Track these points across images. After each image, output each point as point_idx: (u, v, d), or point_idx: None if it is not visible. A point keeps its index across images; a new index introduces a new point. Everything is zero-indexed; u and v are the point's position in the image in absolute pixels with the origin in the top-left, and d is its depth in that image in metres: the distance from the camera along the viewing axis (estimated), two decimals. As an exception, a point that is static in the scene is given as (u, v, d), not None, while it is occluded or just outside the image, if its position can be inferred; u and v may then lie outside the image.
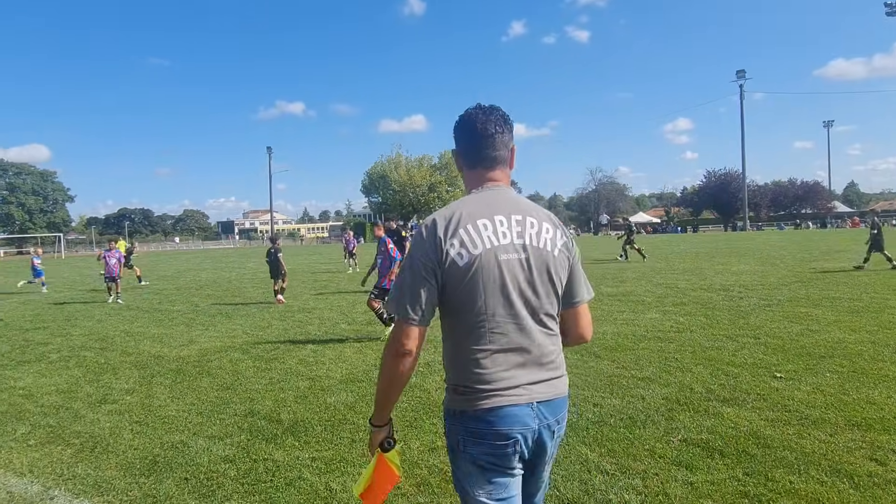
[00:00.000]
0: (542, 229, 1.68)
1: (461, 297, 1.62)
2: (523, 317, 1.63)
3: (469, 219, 1.62)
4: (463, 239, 1.60)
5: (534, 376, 1.65)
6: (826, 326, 7.29)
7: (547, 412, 1.66)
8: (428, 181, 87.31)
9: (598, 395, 4.79)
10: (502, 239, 1.62)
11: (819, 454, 3.50)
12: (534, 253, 1.64)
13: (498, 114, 1.76)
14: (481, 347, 1.63)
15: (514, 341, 1.63)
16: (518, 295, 1.62)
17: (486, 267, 1.59)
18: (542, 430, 1.66)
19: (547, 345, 1.68)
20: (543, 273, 1.65)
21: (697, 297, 10.38)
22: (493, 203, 1.68)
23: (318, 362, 6.44)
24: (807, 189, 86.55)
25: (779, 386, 4.87)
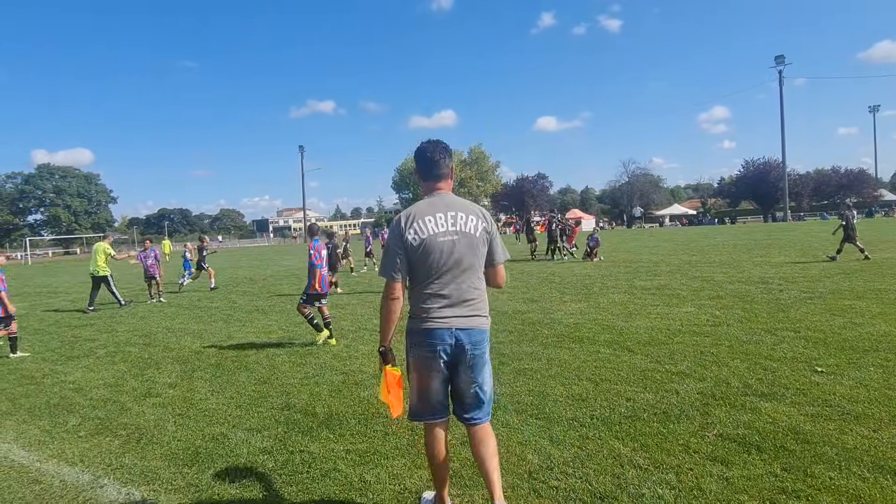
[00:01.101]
0: (468, 220, 2.74)
1: (415, 263, 2.71)
2: (452, 275, 2.69)
3: (419, 216, 2.71)
4: (415, 228, 2.68)
5: (454, 312, 2.70)
6: (871, 319, 7.04)
7: (462, 336, 2.70)
8: (458, 176, 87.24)
9: (630, 390, 4.75)
10: (440, 227, 2.69)
11: (861, 450, 3.40)
12: (463, 235, 2.71)
13: (441, 145, 2.87)
14: (424, 293, 2.72)
15: (443, 289, 2.69)
16: (448, 262, 2.68)
17: (429, 245, 2.67)
18: (458, 347, 2.70)
19: (467, 292, 2.72)
20: (469, 247, 2.71)
21: (735, 291, 10.15)
22: (437, 205, 2.76)
23: (352, 357, 6.55)
24: (851, 177, 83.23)
25: (820, 380, 4.75)
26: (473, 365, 2.74)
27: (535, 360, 5.90)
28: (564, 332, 7.25)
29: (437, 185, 2.86)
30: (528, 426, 4.08)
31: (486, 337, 2.80)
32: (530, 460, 3.53)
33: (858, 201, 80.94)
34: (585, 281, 13.05)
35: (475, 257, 2.74)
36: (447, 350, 2.70)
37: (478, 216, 2.78)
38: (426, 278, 2.70)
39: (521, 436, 3.92)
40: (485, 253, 2.79)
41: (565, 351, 6.26)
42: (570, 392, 4.79)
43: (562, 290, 11.52)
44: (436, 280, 2.70)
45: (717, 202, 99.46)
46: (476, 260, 2.74)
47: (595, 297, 10.26)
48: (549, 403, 4.54)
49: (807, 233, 31.16)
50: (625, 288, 11.39)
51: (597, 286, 11.93)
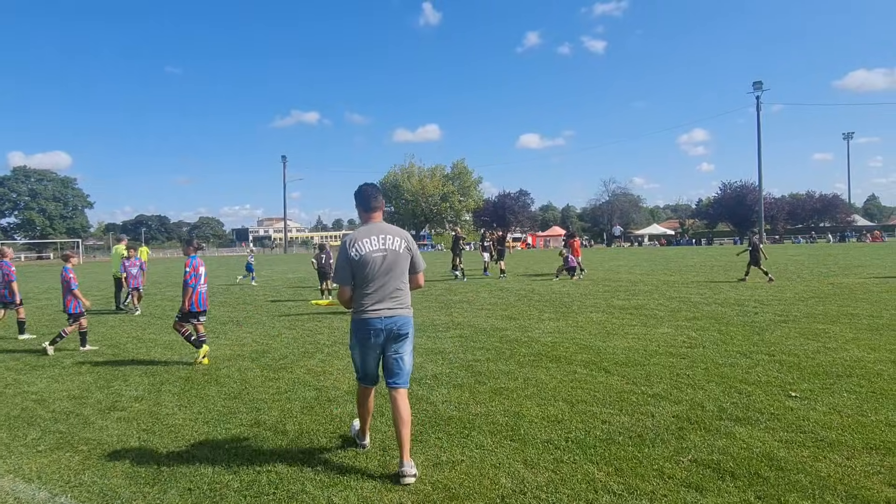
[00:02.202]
0: (394, 241, 3.81)
1: (357, 273, 3.76)
2: (382, 280, 3.75)
3: (359, 238, 3.76)
4: (356, 248, 3.73)
5: (384, 305, 3.76)
6: (844, 344, 7.13)
7: (389, 322, 3.76)
8: (440, 191, 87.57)
9: (606, 412, 4.72)
10: (373, 246, 3.74)
11: (835, 478, 3.40)
12: (390, 252, 3.78)
13: (375, 187, 3.97)
14: (363, 292, 3.77)
15: (376, 290, 3.75)
16: (380, 271, 3.74)
17: (366, 259, 3.72)
18: (386, 329, 3.76)
19: (392, 292, 3.79)
20: (395, 261, 3.78)
21: (711, 312, 10.24)
22: (371, 230, 3.82)
23: (326, 372, 6.43)
24: (825, 202, 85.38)
25: (794, 406, 4.76)
26: (397, 340, 3.84)
27: (512, 380, 5.85)
28: (542, 351, 7.22)
29: (371, 216, 3.95)
30: (502, 448, 4.02)
31: (408, 321, 3.89)
32: (503, 484, 3.46)
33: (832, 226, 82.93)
34: (564, 299, 13.07)
35: (398, 267, 3.83)
36: (379, 332, 3.78)
37: (401, 237, 3.90)
38: (364, 282, 3.79)
39: (495, 458, 3.85)
40: (407, 264, 3.89)
41: (542, 370, 6.22)
42: (546, 413, 4.74)
43: (540, 308, 11.52)
44: (370, 283, 3.78)
45: (695, 223, 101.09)
46: (399, 269, 3.84)
47: (574, 316, 10.26)
48: (525, 425, 4.47)
49: (782, 255, 31.72)
50: (603, 307, 11.43)
51: (575, 304, 11.95)
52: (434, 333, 8.83)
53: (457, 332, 8.94)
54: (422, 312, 11.39)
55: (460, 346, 7.71)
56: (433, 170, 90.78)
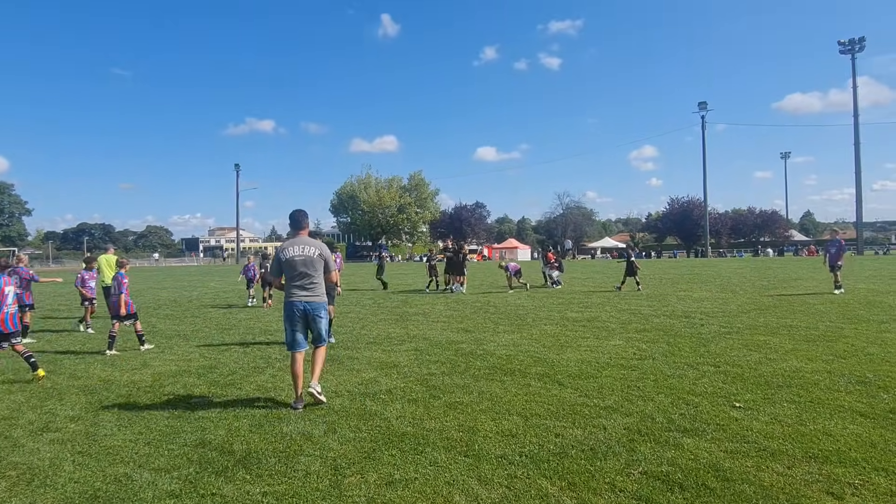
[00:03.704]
0: (310, 249, 5.61)
1: (285, 270, 5.59)
2: (300, 274, 5.54)
3: (287, 247, 5.63)
4: (285, 252, 5.58)
5: (303, 293, 5.54)
6: (784, 355, 7.43)
7: (307, 306, 5.54)
8: (397, 202, 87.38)
9: (560, 425, 4.75)
10: (296, 252, 5.56)
11: (777, 488, 3.51)
12: (304, 257, 5.56)
13: (304, 212, 5.82)
14: (290, 284, 5.58)
15: (297, 282, 5.55)
16: (300, 268, 5.53)
17: (291, 260, 5.55)
18: (305, 311, 5.55)
19: (309, 284, 5.57)
20: (311, 263, 5.57)
21: (660, 324, 10.51)
22: (296, 241, 5.66)
23: (277, 388, 6.25)
24: (765, 217, 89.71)
25: (738, 416, 4.91)
26: (314, 319, 5.60)
27: (467, 394, 5.83)
28: (497, 364, 7.23)
29: (299, 232, 5.78)
30: (456, 464, 3.98)
31: (322, 305, 5.65)
32: (457, 502, 3.42)
33: (771, 240, 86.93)
34: (519, 311, 13.19)
35: (313, 267, 5.60)
36: (300, 312, 5.56)
37: (316, 247, 5.69)
38: (290, 277, 5.59)
39: (449, 475, 3.80)
40: (321, 265, 5.66)
41: (497, 384, 6.22)
42: (500, 428, 4.73)
43: (496, 321, 11.57)
44: (294, 276, 5.56)
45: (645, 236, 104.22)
46: (313, 268, 5.60)
47: (528, 329, 10.35)
48: (479, 440, 4.45)
49: (726, 268, 33.02)
50: (557, 319, 11.58)
51: (530, 317, 12.07)
52: (389, 347, 8.74)
53: (412, 345, 8.87)
54: (377, 325, 11.27)
55: (415, 360, 7.65)
56: (390, 181, 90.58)
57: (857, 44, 67.77)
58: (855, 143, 69.10)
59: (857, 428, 4.54)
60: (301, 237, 5.68)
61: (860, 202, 70.79)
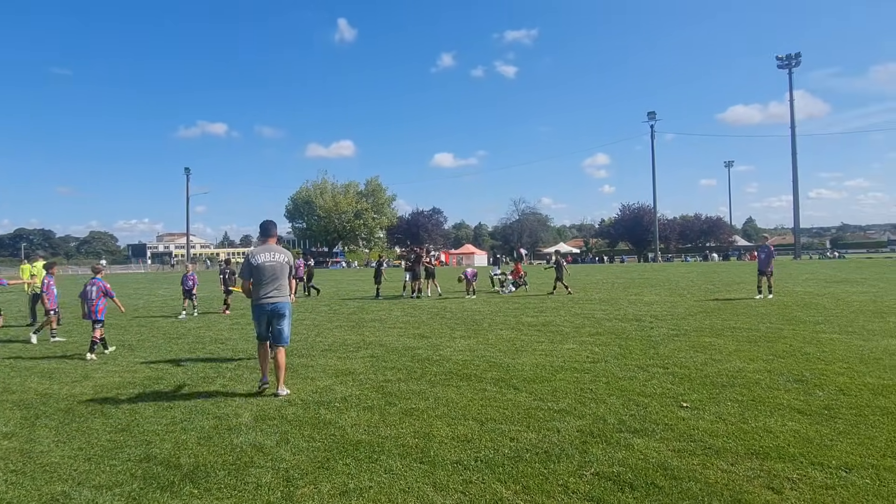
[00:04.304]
0: (278, 256, 6.37)
1: (255, 274, 6.30)
2: (269, 278, 6.28)
3: (257, 253, 6.36)
4: (255, 257, 6.30)
5: (270, 296, 6.28)
6: (728, 356, 7.73)
7: (273, 306, 6.28)
8: (354, 208, 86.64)
9: (514, 429, 4.79)
10: (265, 259, 6.30)
11: (721, 484, 3.63)
12: (273, 263, 6.32)
13: (273, 222, 6.66)
14: (257, 287, 6.30)
15: (265, 285, 6.28)
16: (269, 273, 6.28)
17: (260, 266, 6.27)
18: (271, 311, 6.29)
19: (275, 287, 6.32)
20: (278, 268, 6.34)
21: (612, 328, 10.76)
22: (266, 249, 6.39)
23: (228, 398, 6.07)
24: (711, 224, 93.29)
25: (685, 416, 5.07)
26: (278, 319, 6.32)
27: (423, 400, 5.81)
28: (453, 370, 7.24)
29: (267, 240, 6.50)
30: (411, 471, 3.95)
31: (285, 305, 6.37)
32: (412, 509, 3.40)
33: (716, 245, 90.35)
34: (476, 317, 13.26)
35: (281, 272, 6.35)
36: (266, 312, 6.27)
37: (283, 254, 6.45)
38: (259, 281, 6.26)
39: (405, 482, 3.78)
40: (287, 271, 6.43)
41: (453, 389, 6.23)
42: (456, 433, 4.74)
43: (452, 326, 11.60)
44: (263, 280, 6.25)
45: (598, 242, 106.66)
46: (280, 272, 6.35)
47: (484, 334, 10.42)
48: (435, 446, 4.44)
49: (674, 273, 34.14)
50: (513, 324, 11.70)
51: (486, 322, 12.15)
52: (344, 354, 8.63)
53: (368, 351, 8.79)
54: (332, 332, 11.12)
55: (371, 367, 7.58)
56: (347, 186, 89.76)
57: (793, 59, 71.47)
58: (792, 154, 72.80)
59: (795, 424, 4.75)
60: (270, 244, 6.45)
61: (797, 209, 74.61)
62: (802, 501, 3.38)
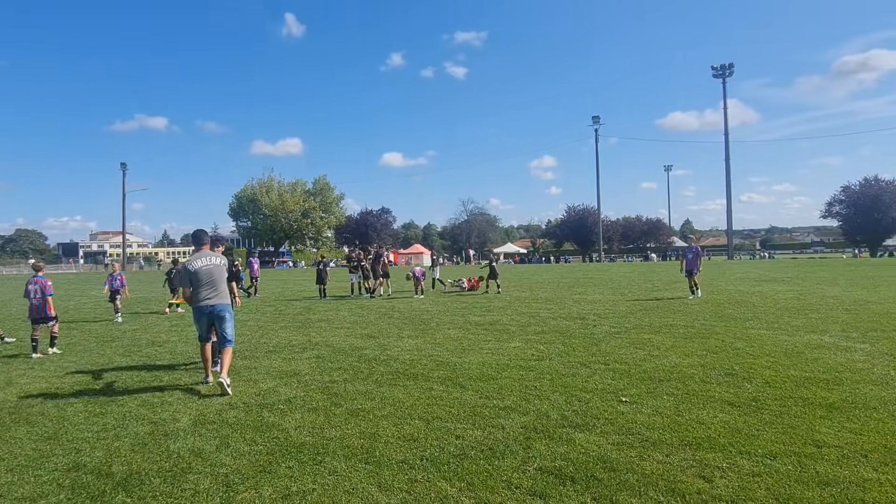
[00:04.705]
0: (215, 261, 6.67)
1: (193, 280, 6.54)
2: (206, 282, 6.54)
3: (193, 259, 6.63)
4: (192, 264, 6.57)
5: (209, 297, 6.54)
6: (665, 352, 8.04)
7: (211, 308, 6.55)
8: (302, 207, 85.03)
9: (460, 427, 4.83)
10: (201, 263, 6.57)
11: (657, 475, 3.78)
12: (213, 267, 6.63)
13: (204, 230, 6.94)
14: (197, 290, 6.56)
15: (204, 289, 6.54)
16: (206, 277, 6.54)
17: (198, 271, 6.54)
18: (211, 313, 6.56)
19: (214, 290, 6.58)
20: (214, 272, 6.61)
21: (557, 326, 11.00)
22: (201, 255, 6.67)
23: (165, 403, 5.85)
24: (651, 225, 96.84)
25: (624, 410, 5.25)
26: (220, 321, 6.59)
27: (369, 400, 5.78)
28: (400, 370, 7.23)
29: (202, 247, 6.77)
30: (356, 472, 3.92)
31: (227, 307, 6.67)
32: (356, 510, 3.38)
33: (656, 246, 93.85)
34: (424, 316, 13.28)
35: (218, 275, 6.62)
36: (207, 315, 6.54)
37: (219, 258, 6.75)
38: (197, 285, 6.52)
39: (349, 483, 3.75)
40: (224, 274, 6.71)
41: (399, 389, 6.22)
42: (402, 432, 4.74)
43: (400, 326, 11.57)
44: (201, 284, 6.51)
45: (545, 242, 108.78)
46: (217, 277, 6.61)
47: (432, 333, 10.45)
48: (380, 446, 4.43)
49: (617, 272, 35.22)
50: (460, 323, 11.78)
51: (434, 321, 12.18)
52: (290, 355, 8.47)
53: (314, 352, 8.66)
54: (278, 333, 10.89)
55: (317, 368, 7.47)
56: (294, 185, 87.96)
57: (727, 69, 75.08)
58: (726, 159, 76.56)
59: (725, 416, 5.00)
60: (204, 251, 6.73)
61: (730, 212, 78.61)
62: (731, 489, 3.56)
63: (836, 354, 7.58)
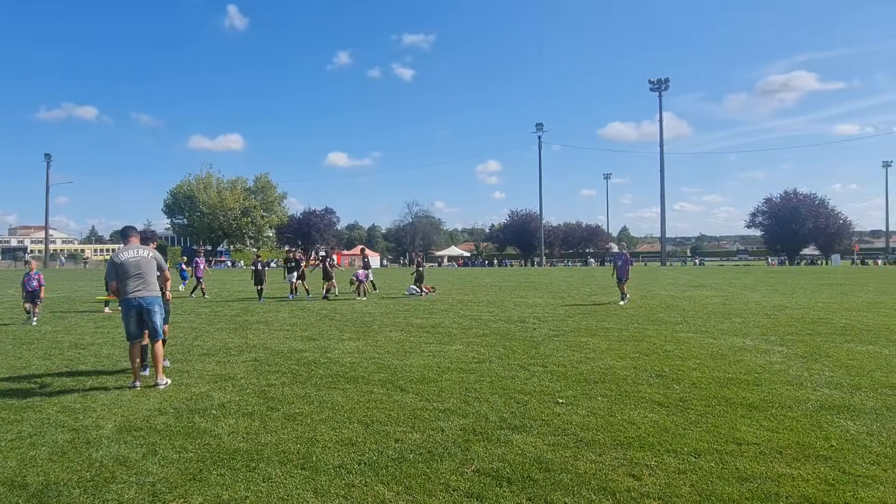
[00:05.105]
0: (143, 254, 6.52)
1: (119, 272, 6.39)
2: (134, 274, 6.36)
3: (120, 252, 6.51)
4: (118, 256, 6.45)
5: (137, 289, 6.35)
6: (600, 354, 8.30)
7: (141, 300, 6.35)
8: (241, 205, 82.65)
9: (399, 431, 4.82)
10: (128, 255, 6.42)
11: (590, 474, 3.89)
12: (138, 258, 6.44)
13: (133, 228, 6.83)
14: (124, 283, 6.37)
15: (132, 281, 6.34)
16: (134, 269, 6.37)
17: (125, 263, 6.38)
18: (140, 307, 6.36)
19: (142, 282, 6.38)
20: (143, 263, 6.44)
21: (498, 329, 11.16)
22: (130, 248, 6.54)
23: (88, 409, 5.54)
24: (590, 231, 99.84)
25: (560, 411, 5.38)
26: (149, 313, 6.40)
27: (307, 404, 5.67)
28: (340, 372, 7.14)
29: (130, 240, 6.67)
30: (292, 478, 3.84)
31: (156, 300, 6.49)
32: (291, 516, 3.31)
33: (595, 251, 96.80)
34: (366, 318, 13.16)
35: (147, 267, 6.45)
36: (135, 308, 6.34)
37: (147, 251, 6.60)
38: (125, 278, 6.34)
39: (284, 490, 3.66)
40: (153, 266, 6.52)
41: (339, 392, 6.14)
42: (340, 436, 4.68)
43: (341, 328, 11.43)
44: (129, 277, 6.34)
45: (488, 246, 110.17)
46: (146, 269, 6.43)
47: (374, 335, 10.37)
48: (318, 451, 4.35)
49: (557, 276, 36.10)
50: (402, 326, 11.75)
51: (376, 324, 12.11)
52: (225, 358, 8.20)
53: (251, 355, 8.42)
54: (213, 335, 10.52)
55: (253, 371, 7.27)
56: (234, 182, 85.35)
57: (663, 83, 78.50)
58: (660, 169, 80.00)
59: (654, 416, 5.21)
60: (132, 244, 6.63)
61: (664, 220, 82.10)
62: (658, 486, 3.71)
63: (757, 357, 8.05)
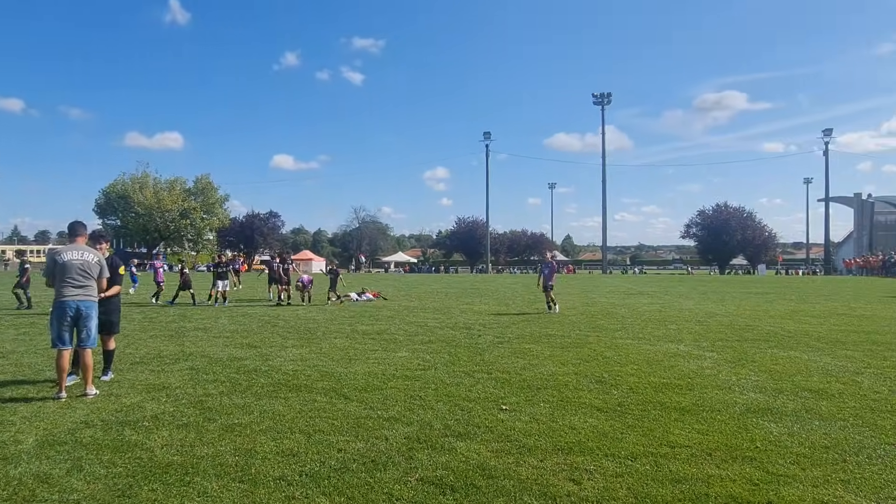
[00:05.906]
0: (87, 255, 6.25)
1: (58, 272, 6.11)
2: (77, 278, 6.11)
3: (63, 251, 6.23)
4: (61, 255, 6.17)
5: (74, 294, 6.08)
6: (543, 361, 8.46)
7: (79, 304, 6.10)
8: (180, 206, 79.46)
9: (342, 440, 4.75)
10: (72, 256, 6.16)
11: (531, 480, 3.96)
12: (82, 261, 6.18)
13: (82, 225, 6.60)
14: (61, 285, 6.08)
15: (70, 283, 6.08)
16: (73, 271, 6.10)
17: (66, 263, 6.10)
18: (76, 310, 6.10)
19: (81, 286, 6.14)
20: (86, 267, 6.19)
21: (443, 336, 11.19)
22: (73, 247, 6.28)
23: (6, 423, 5.18)
24: (535, 239, 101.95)
25: (504, 418, 5.44)
26: (84, 318, 6.16)
27: (247, 414, 5.51)
28: (282, 381, 6.97)
29: (75, 239, 6.40)
30: (228, 492, 3.72)
31: (92, 305, 6.25)
32: (228, 531, 3.20)
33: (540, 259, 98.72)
34: (310, 325, 12.92)
35: (90, 271, 6.22)
36: (72, 311, 6.08)
37: (92, 254, 6.34)
38: (64, 279, 6.07)
39: (220, 504, 3.54)
40: (95, 271, 6.27)
41: (280, 401, 6.00)
42: (281, 447, 4.56)
43: (284, 335, 11.17)
44: (69, 279, 6.08)
45: (435, 252, 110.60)
46: (87, 272, 6.20)
47: (318, 342, 10.19)
48: (257, 462, 4.23)
49: (503, 284, 36.53)
50: (347, 332, 11.61)
51: (321, 331, 11.90)
52: (159, 367, 7.85)
53: (187, 363, 8.10)
54: (147, 342, 10.06)
55: (190, 380, 6.99)
56: (172, 182, 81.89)
57: (605, 97, 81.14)
58: (602, 180, 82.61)
59: (594, 421, 5.36)
60: (78, 244, 6.38)
61: (605, 229, 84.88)
62: (597, 489, 3.81)
63: (689, 362, 8.41)
